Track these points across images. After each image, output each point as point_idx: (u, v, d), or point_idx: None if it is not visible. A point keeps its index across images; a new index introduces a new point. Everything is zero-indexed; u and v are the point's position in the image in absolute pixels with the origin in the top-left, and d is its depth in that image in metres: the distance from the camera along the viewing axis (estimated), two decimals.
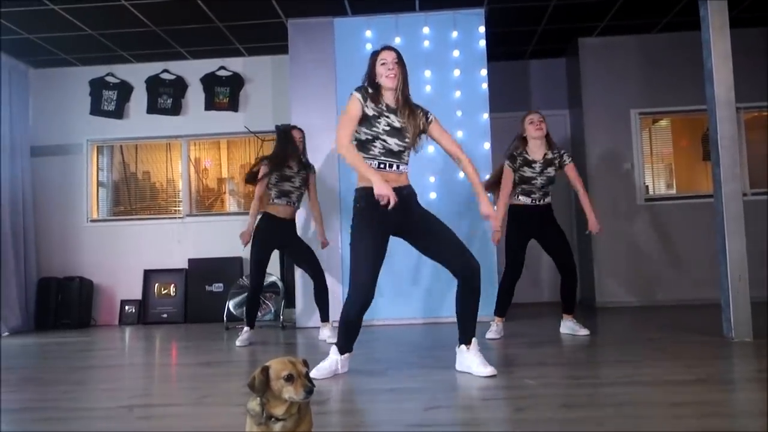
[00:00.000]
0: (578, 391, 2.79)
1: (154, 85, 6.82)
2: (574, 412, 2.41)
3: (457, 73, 5.71)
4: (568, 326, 4.47)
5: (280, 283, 5.90)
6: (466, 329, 3.20)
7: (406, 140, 3.20)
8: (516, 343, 4.29)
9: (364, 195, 3.13)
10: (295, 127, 4.89)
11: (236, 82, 6.80)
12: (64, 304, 6.50)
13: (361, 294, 3.10)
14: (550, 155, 4.39)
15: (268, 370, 1.66)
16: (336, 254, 5.52)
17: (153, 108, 6.82)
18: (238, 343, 4.64)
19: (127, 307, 6.68)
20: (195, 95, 6.86)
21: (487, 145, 5.65)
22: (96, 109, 6.86)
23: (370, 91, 3.23)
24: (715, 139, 3.98)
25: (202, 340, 5.17)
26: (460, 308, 3.20)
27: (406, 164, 3.25)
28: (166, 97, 6.80)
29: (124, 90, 6.87)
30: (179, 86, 6.83)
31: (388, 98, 3.24)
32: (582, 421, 2.27)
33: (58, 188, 6.88)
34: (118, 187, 7.26)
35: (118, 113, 6.87)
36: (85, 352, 4.88)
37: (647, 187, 6.69)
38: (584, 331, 4.39)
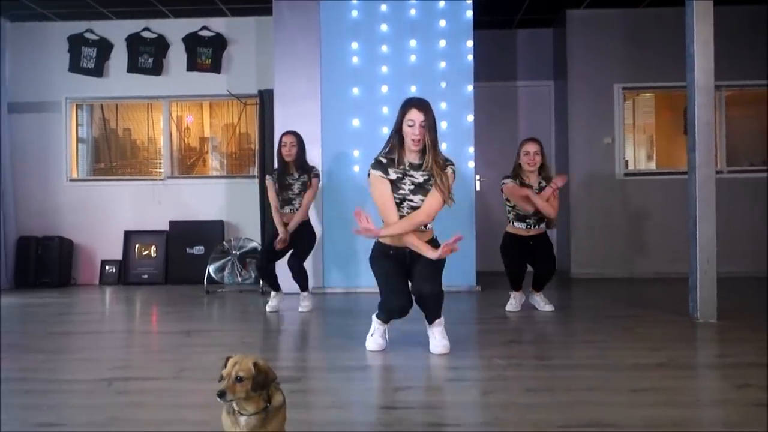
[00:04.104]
0: (544, 373, 2.90)
1: (134, 43, 6.68)
2: (538, 397, 2.52)
3: (442, 43, 5.66)
4: (535, 300, 4.59)
5: (260, 249, 5.94)
6: (428, 316, 3.31)
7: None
8: (488, 318, 4.41)
9: (378, 248, 3.36)
10: (286, 132, 4.76)
11: (219, 43, 6.67)
12: (43, 264, 6.50)
13: (395, 311, 3.28)
14: (544, 183, 4.45)
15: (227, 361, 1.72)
16: (318, 207, 5.55)
17: (133, 67, 6.70)
18: (268, 308, 4.71)
19: (107, 268, 6.70)
20: (177, 55, 6.73)
21: (470, 118, 5.65)
22: (75, 66, 6.72)
23: (384, 161, 3.25)
24: (692, 124, 4.03)
25: (182, 305, 5.23)
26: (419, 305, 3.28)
27: (432, 219, 3.28)
28: (147, 56, 6.68)
29: (104, 47, 6.73)
30: (160, 45, 6.70)
31: (411, 155, 3.25)
32: (544, 407, 2.38)
33: (37, 146, 6.79)
34: (98, 143, 7.19)
35: (98, 71, 6.74)
36: (65, 315, 4.93)
37: (627, 161, 6.77)
38: (549, 307, 4.51)
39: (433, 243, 3.30)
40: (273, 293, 4.77)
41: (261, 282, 5.87)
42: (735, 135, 6.74)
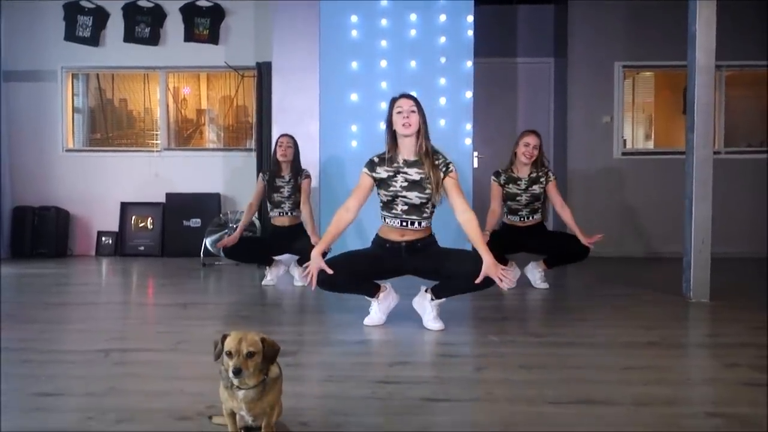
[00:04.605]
0: (538, 350, 2.93)
1: (131, 12, 6.60)
2: (531, 374, 2.55)
3: (443, 18, 5.60)
4: (534, 274, 4.60)
5: (257, 222, 5.95)
6: (444, 290, 3.31)
7: (427, 191, 3.21)
8: (483, 294, 4.41)
9: (375, 241, 3.37)
10: (282, 135, 4.78)
11: (217, 13, 6.59)
12: (40, 234, 6.50)
13: (323, 276, 3.18)
14: (535, 174, 4.45)
15: (226, 339, 1.72)
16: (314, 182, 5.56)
17: (130, 37, 6.62)
18: (264, 282, 4.72)
19: (103, 239, 6.70)
20: (174, 25, 6.65)
21: (468, 94, 5.62)
22: (70, 35, 6.64)
23: (376, 160, 3.28)
24: (692, 105, 4.02)
25: (179, 277, 5.25)
26: (456, 281, 3.24)
27: (429, 218, 3.29)
28: (143, 25, 6.60)
29: (100, 16, 6.64)
30: (157, 15, 6.61)
31: (406, 148, 3.24)
32: (537, 383, 2.41)
33: (33, 116, 6.74)
34: (94, 114, 7.14)
35: (94, 40, 6.66)
36: (62, 286, 4.95)
37: (625, 141, 6.76)
38: (543, 285, 4.55)
39: (431, 239, 3.33)
40: (267, 268, 4.79)
41: None
42: (733, 115, 6.72)
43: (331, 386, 2.41)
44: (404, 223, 3.25)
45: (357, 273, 3.29)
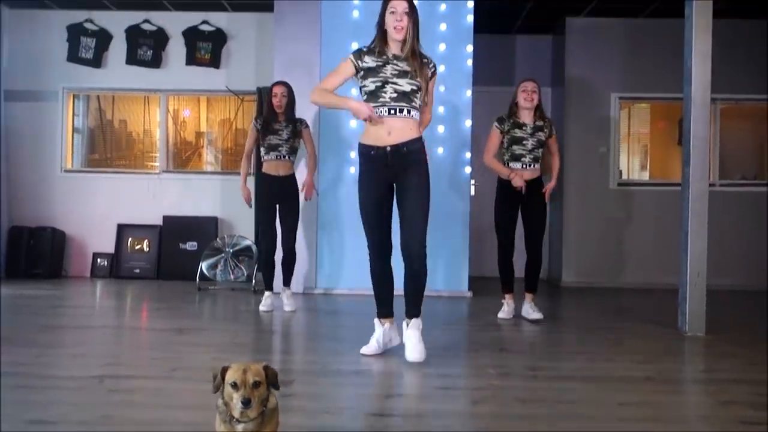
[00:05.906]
0: (534, 384, 2.92)
1: (134, 35, 6.66)
2: (528, 408, 2.54)
3: (442, 47, 5.67)
4: (525, 309, 4.54)
5: (254, 247, 5.95)
6: (407, 306, 3.29)
7: (418, 80, 3.18)
8: (480, 324, 4.43)
9: (360, 152, 3.27)
10: (278, 83, 4.80)
11: (219, 38, 6.66)
12: (35, 254, 6.48)
13: (375, 250, 3.27)
14: (540, 122, 4.44)
15: (226, 371, 1.72)
16: (313, 209, 5.59)
17: (132, 59, 6.68)
18: (262, 308, 4.67)
19: (99, 260, 6.68)
20: (176, 49, 6.71)
21: (468, 123, 5.68)
22: (73, 56, 6.69)
23: (364, 50, 3.26)
24: (687, 139, 4.07)
25: (174, 301, 5.23)
26: (404, 285, 3.28)
27: (417, 110, 3.22)
28: (146, 48, 6.66)
29: (103, 38, 6.70)
30: (160, 38, 6.68)
31: (395, 48, 3.23)
32: (534, 418, 2.40)
33: (32, 135, 6.75)
34: (93, 134, 7.17)
35: (96, 62, 6.71)
36: (57, 308, 4.93)
37: (621, 171, 6.81)
38: (537, 315, 4.45)
39: (419, 143, 3.23)
40: (267, 293, 4.75)
41: (253, 281, 5.88)
42: (728, 148, 6.79)
43: (328, 418, 2.40)
44: (392, 111, 3.16)
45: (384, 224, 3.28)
